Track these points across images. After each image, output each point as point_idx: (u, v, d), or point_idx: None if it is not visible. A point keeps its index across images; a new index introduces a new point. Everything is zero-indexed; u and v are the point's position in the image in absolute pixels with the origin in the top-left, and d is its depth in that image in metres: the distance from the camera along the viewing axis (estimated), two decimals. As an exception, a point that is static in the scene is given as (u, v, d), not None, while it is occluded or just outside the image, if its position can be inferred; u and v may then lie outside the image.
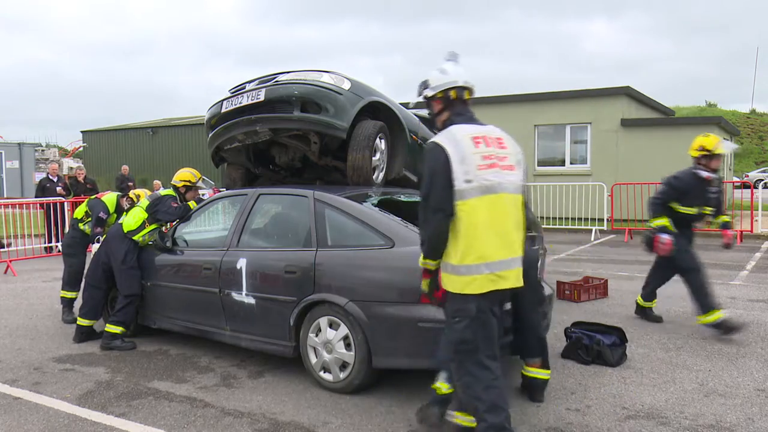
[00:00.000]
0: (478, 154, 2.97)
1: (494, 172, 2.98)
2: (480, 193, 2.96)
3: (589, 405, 4.12)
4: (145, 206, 5.87)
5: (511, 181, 3.04)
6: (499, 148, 3.05)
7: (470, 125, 3.10)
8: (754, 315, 6.53)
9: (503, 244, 2.98)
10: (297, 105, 5.09)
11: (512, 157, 3.09)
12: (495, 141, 3.06)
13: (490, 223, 2.96)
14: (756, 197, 13.80)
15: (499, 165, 3.00)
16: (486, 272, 2.94)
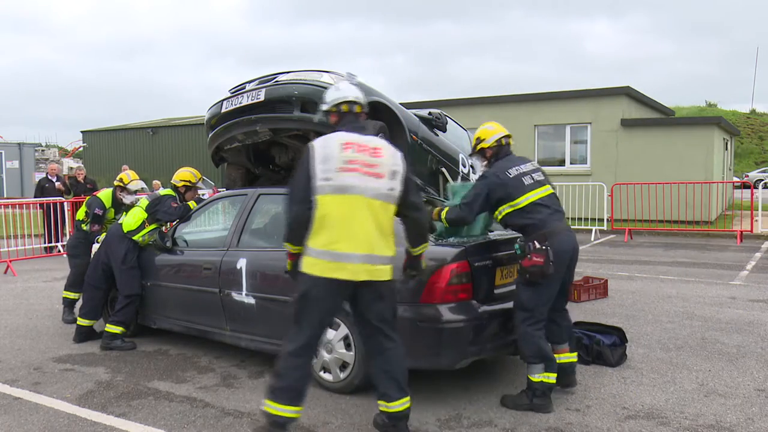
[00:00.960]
0: (342, 158, 3.33)
1: (354, 176, 3.31)
2: (334, 191, 3.31)
3: (589, 405, 4.12)
4: (145, 206, 5.87)
5: (373, 187, 3.32)
6: (371, 157, 3.36)
7: (350, 133, 3.45)
8: (754, 315, 6.53)
9: (349, 238, 3.29)
10: (297, 105, 5.08)
11: (385, 167, 3.37)
12: (369, 150, 3.38)
13: (341, 219, 3.30)
14: (756, 197, 13.81)
15: (363, 171, 3.32)
16: (327, 259, 3.29)
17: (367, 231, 3.31)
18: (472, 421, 3.87)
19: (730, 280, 8.60)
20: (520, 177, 4.16)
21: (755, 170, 31.82)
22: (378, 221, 3.34)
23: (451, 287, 3.99)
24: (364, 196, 3.31)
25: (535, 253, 3.97)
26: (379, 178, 3.35)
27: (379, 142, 3.47)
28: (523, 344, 4.07)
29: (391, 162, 3.40)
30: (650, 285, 8.28)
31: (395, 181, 3.39)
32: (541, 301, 4.06)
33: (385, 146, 3.45)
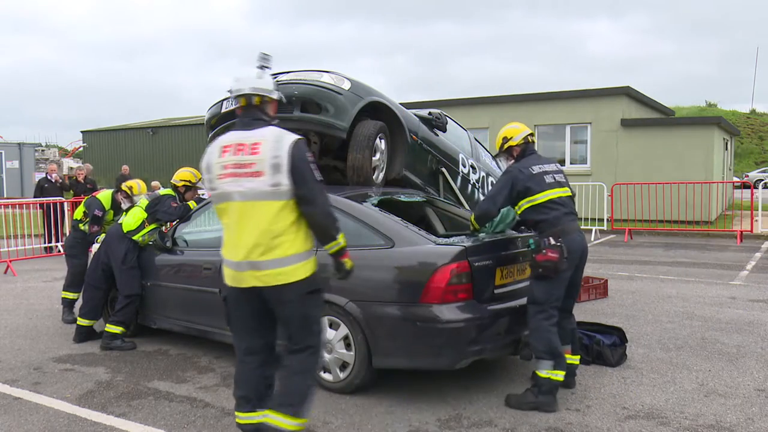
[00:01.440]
0: (220, 163, 3.17)
1: (228, 182, 3.14)
2: (219, 201, 3.21)
3: (589, 405, 4.12)
4: (145, 206, 5.87)
5: (251, 188, 3.08)
6: (248, 155, 3.11)
7: (236, 133, 3.23)
8: (754, 315, 6.53)
9: (234, 245, 3.16)
10: (297, 105, 5.08)
11: (263, 163, 3.08)
12: (247, 148, 3.12)
13: (229, 226, 3.19)
14: (756, 197, 13.81)
15: (237, 174, 3.11)
16: (227, 268, 3.22)
17: (249, 235, 3.10)
18: (472, 421, 3.87)
19: (730, 280, 8.60)
20: (542, 174, 4.28)
21: (755, 170, 31.82)
22: (264, 223, 3.08)
23: (451, 287, 3.99)
24: (242, 201, 3.10)
25: (549, 248, 4.08)
26: (257, 176, 3.08)
27: (261, 136, 3.14)
28: (535, 338, 4.13)
29: (270, 155, 3.08)
30: (650, 285, 8.28)
31: (280, 175, 3.07)
32: (553, 296, 4.15)
33: (267, 139, 3.12)
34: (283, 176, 3.07)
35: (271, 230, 3.09)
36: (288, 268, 3.10)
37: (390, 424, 3.84)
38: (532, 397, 4.05)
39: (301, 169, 3.09)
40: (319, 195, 3.16)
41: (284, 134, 3.16)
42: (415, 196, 5.40)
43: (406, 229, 4.33)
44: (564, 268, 4.12)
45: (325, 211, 3.19)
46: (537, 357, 4.13)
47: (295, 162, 3.08)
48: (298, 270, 3.13)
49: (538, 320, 4.12)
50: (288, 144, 3.10)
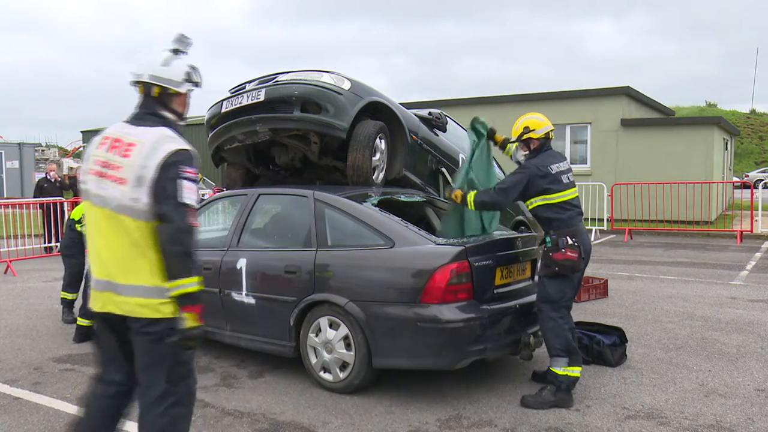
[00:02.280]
0: (93, 157, 2.68)
1: (94, 181, 2.64)
2: (84, 198, 2.73)
3: (589, 405, 4.12)
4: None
5: (113, 196, 2.58)
6: (119, 156, 2.60)
7: (121, 125, 2.72)
8: (754, 315, 6.53)
9: (94, 259, 2.71)
10: (297, 105, 5.09)
11: (130, 170, 2.56)
12: (123, 146, 2.60)
13: (89, 234, 2.73)
14: (756, 197, 13.81)
15: (104, 174, 2.61)
16: (93, 288, 2.73)
17: (107, 250, 2.62)
18: (472, 421, 3.87)
19: (730, 280, 8.59)
20: (559, 174, 4.29)
21: (755, 170, 31.83)
22: (125, 239, 2.57)
23: (451, 287, 3.99)
24: (103, 207, 2.61)
25: (569, 248, 4.11)
26: (121, 184, 2.57)
27: (138, 137, 2.61)
28: (552, 336, 4.16)
29: (139, 164, 2.55)
30: (650, 285, 8.28)
31: (140, 190, 2.54)
32: (566, 294, 4.19)
33: (143, 142, 2.59)
34: (142, 192, 2.54)
35: (134, 250, 2.57)
36: (152, 300, 2.58)
37: (390, 424, 3.84)
38: (550, 396, 4.06)
39: (166, 185, 2.53)
40: (174, 216, 2.53)
41: (165, 141, 2.59)
42: (415, 196, 5.40)
43: (406, 229, 4.33)
44: (582, 268, 4.19)
45: (172, 237, 2.53)
46: (553, 355, 4.15)
47: (162, 177, 2.54)
48: (165, 306, 2.59)
49: (553, 318, 4.15)
50: (163, 154, 2.55)
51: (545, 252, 4.23)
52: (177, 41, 2.79)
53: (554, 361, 4.15)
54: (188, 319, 2.57)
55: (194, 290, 2.57)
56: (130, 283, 2.58)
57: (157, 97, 2.72)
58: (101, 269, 2.66)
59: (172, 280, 2.55)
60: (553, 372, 4.13)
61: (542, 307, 4.21)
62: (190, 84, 2.78)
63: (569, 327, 4.40)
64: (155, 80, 2.69)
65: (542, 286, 4.24)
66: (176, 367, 2.68)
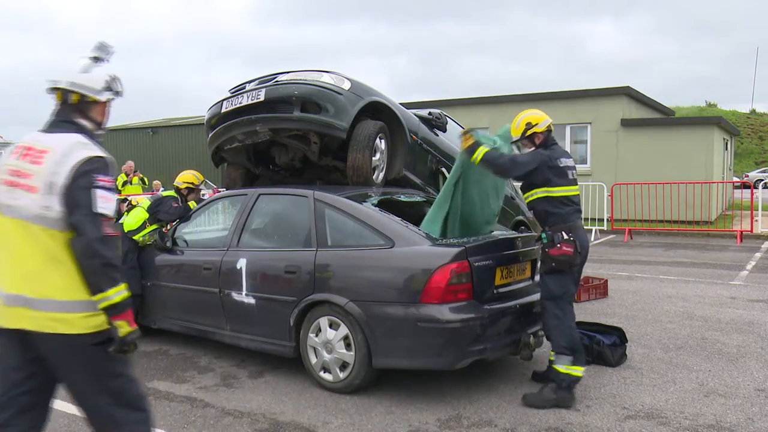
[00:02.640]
0: (5, 166, 2.54)
1: (4, 191, 2.49)
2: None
3: (589, 405, 4.12)
4: (146, 206, 5.89)
5: (22, 204, 2.43)
6: (30, 164, 2.47)
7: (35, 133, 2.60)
8: (754, 315, 6.53)
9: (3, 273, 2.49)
10: (297, 105, 5.09)
11: (40, 178, 2.43)
12: (35, 153, 2.48)
13: None
14: (756, 197, 13.81)
15: (15, 183, 2.47)
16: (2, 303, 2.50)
17: (18, 263, 2.44)
18: (472, 421, 3.87)
19: (730, 280, 8.59)
20: (566, 169, 4.29)
21: (755, 170, 31.83)
22: (36, 250, 2.42)
23: (452, 287, 3.99)
24: (11, 217, 2.46)
25: (564, 243, 4.10)
26: (31, 192, 2.43)
27: (53, 143, 2.49)
28: (557, 333, 4.14)
29: (49, 171, 2.42)
30: (650, 285, 8.28)
31: (52, 197, 2.41)
32: (569, 289, 4.19)
33: (53, 149, 2.47)
34: (54, 200, 2.41)
35: (47, 262, 2.42)
36: (70, 315, 2.41)
37: (390, 424, 3.84)
38: (551, 394, 4.06)
39: (77, 194, 2.40)
40: (87, 227, 2.39)
41: (78, 148, 2.47)
42: (415, 196, 5.41)
43: (406, 229, 4.34)
44: (578, 263, 4.18)
45: (87, 250, 2.39)
46: (557, 352, 4.14)
47: (73, 185, 2.41)
48: (86, 320, 2.43)
49: (558, 316, 4.15)
50: (75, 161, 2.43)
51: (542, 248, 4.24)
52: (98, 49, 2.69)
53: (558, 358, 4.14)
54: (122, 327, 2.44)
55: (122, 299, 2.46)
56: (45, 297, 2.42)
57: (76, 105, 2.61)
58: (11, 283, 2.46)
59: (97, 293, 2.42)
60: (555, 369, 4.13)
61: (546, 305, 4.21)
62: (110, 93, 2.68)
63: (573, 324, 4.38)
64: (74, 87, 2.59)
65: (543, 283, 4.24)
66: (113, 380, 2.51)
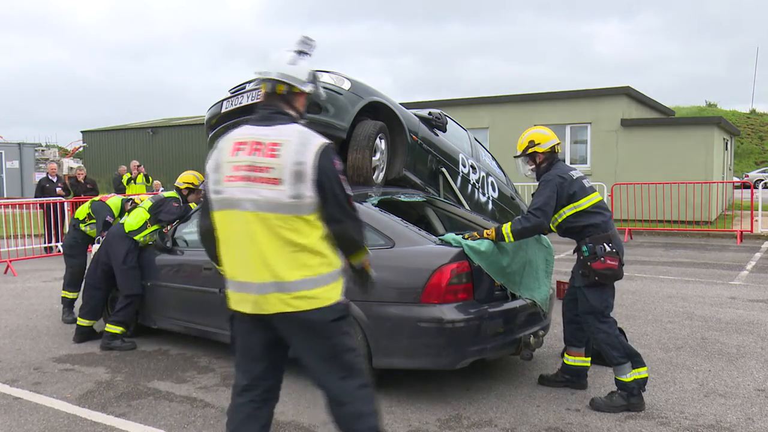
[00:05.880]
0: (231, 163, 2.64)
1: (238, 187, 2.59)
2: (222, 207, 2.66)
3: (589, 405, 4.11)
4: (148, 207, 5.89)
5: (267, 197, 2.54)
6: (265, 157, 2.58)
7: (252, 127, 2.71)
8: (754, 315, 6.53)
9: (246, 264, 2.62)
10: (297, 105, 5.08)
11: (282, 170, 2.55)
12: (264, 148, 2.60)
13: (236, 241, 2.64)
14: (756, 197, 13.80)
15: (252, 178, 2.58)
16: (232, 289, 2.71)
17: (265, 251, 2.57)
18: (472, 421, 3.87)
19: (730, 280, 8.59)
20: (580, 180, 4.25)
21: (755, 170, 31.82)
22: (284, 238, 2.56)
23: (452, 287, 3.99)
24: (255, 211, 2.56)
25: (608, 256, 4.00)
26: (273, 184, 2.54)
27: (282, 135, 2.62)
28: (608, 347, 4.04)
29: (291, 161, 2.54)
30: (650, 285, 8.28)
31: (302, 186, 2.53)
32: (609, 301, 4.11)
33: (289, 140, 2.60)
34: (305, 188, 2.54)
35: (294, 246, 2.57)
36: (319, 289, 2.60)
37: (390, 424, 3.84)
38: (622, 400, 3.98)
39: (330, 182, 2.58)
40: (350, 212, 2.65)
41: (311, 136, 2.65)
42: (415, 196, 5.40)
43: (406, 229, 4.33)
44: (622, 276, 4.08)
45: (356, 229, 2.69)
46: (616, 364, 4.02)
47: (322, 172, 2.56)
48: (330, 291, 2.64)
49: (603, 330, 4.05)
50: (314, 149, 2.59)
51: (582, 261, 4.10)
52: (301, 43, 2.82)
53: (618, 370, 4.02)
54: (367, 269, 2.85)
55: (367, 251, 2.79)
56: (297, 279, 2.57)
57: (281, 95, 2.74)
58: (260, 271, 2.58)
59: (353, 253, 2.74)
60: (622, 381, 4.00)
61: (588, 319, 4.10)
62: (312, 85, 2.81)
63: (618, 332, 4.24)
64: (283, 78, 2.71)
65: (583, 297, 4.10)
66: (346, 354, 2.68)
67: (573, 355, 4.38)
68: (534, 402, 4.19)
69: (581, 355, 4.36)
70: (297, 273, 2.57)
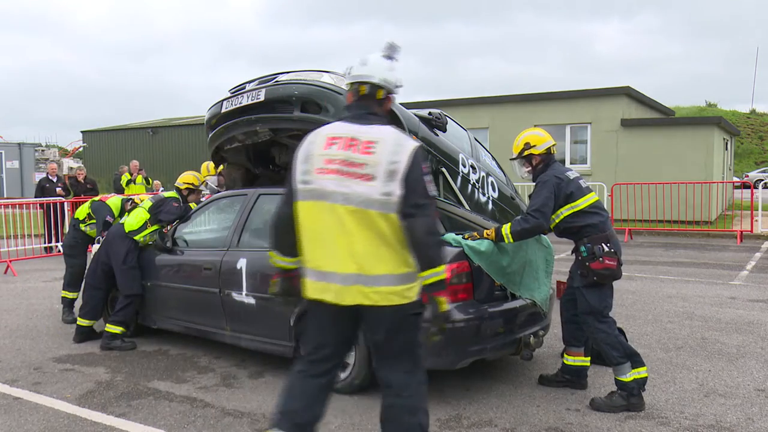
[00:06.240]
0: (324, 156, 2.76)
1: (331, 179, 2.71)
2: (311, 198, 2.76)
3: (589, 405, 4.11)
4: (148, 207, 5.89)
5: (360, 192, 2.66)
6: (359, 153, 2.71)
7: (346, 124, 2.83)
8: (754, 315, 6.53)
9: (332, 255, 2.73)
10: (297, 105, 5.08)
11: (376, 167, 2.67)
12: (360, 145, 2.72)
13: (322, 231, 2.75)
14: (756, 197, 13.80)
15: (345, 172, 2.70)
16: (312, 278, 2.81)
17: (351, 244, 2.69)
18: (472, 421, 3.87)
19: (730, 280, 8.59)
20: (576, 180, 4.24)
21: (755, 170, 31.81)
22: (371, 232, 2.69)
23: (451, 287, 3.98)
24: (345, 205, 2.68)
25: (607, 256, 4.02)
26: (367, 180, 2.67)
27: (378, 134, 2.75)
28: (607, 347, 4.04)
29: (387, 160, 2.67)
30: (650, 285, 8.28)
31: (393, 184, 2.65)
32: (608, 301, 4.12)
33: (385, 140, 2.73)
34: (396, 185, 2.66)
35: (381, 241, 2.69)
36: (400, 287, 2.71)
37: (390, 424, 3.83)
38: (622, 400, 3.99)
39: (417, 180, 2.70)
40: (427, 211, 2.72)
41: (405, 138, 2.78)
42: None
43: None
44: (620, 276, 4.09)
45: (429, 228, 2.71)
46: (615, 364, 4.03)
47: (412, 172, 2.68)
48: (410, 290, 2.74)
49: (602, 330, 4.06)
50: (409, 150, 2.71)
51: (581, 261, 4.11)
52: (389, 48, 2.95)
53: (618, 370, 4.03)
54: (442, 303, 2.73)
55: (444, 276, 2.74)
56: (379, 273, 2.69)
57: (378, 99, 2.88)
58: (345, 263, 2.70)
59: (427, 268, 2.70)
60: (621, 381, 4.01)
61: (587, 320, 4.11)
62: (398, 89, 2.97)
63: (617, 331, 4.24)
64: (384, 83, 2.86)
65: (582, 297, 4.12)
66: (417, 349, 2.83)
67: (572, 355, 4.38)
68: (534, 402, 4.19)
69: (580, 355, 4.37)
70: (380, 268, 2.69)
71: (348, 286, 2.71)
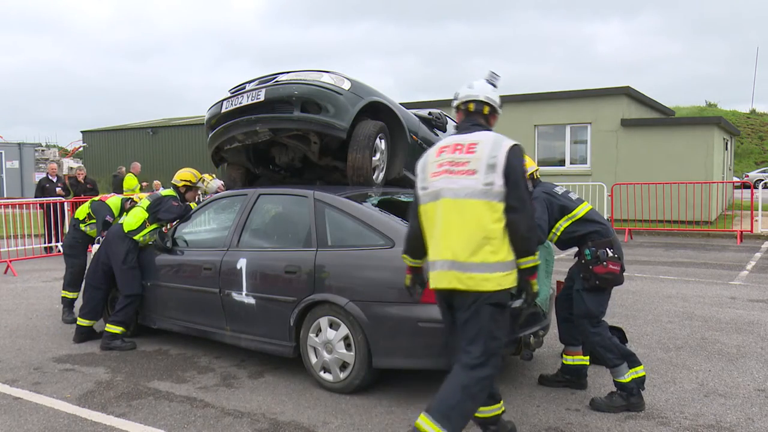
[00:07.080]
0: (435, 162, 3.19)
1: (441, 179, 3.13)
2: (428, 200, 3.18)
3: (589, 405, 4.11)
4: (146, 206, 5.88)
5: (463, 185, 3.06)
6: (463, 154, 3.12)
7: (455, 136, 3.27)
8: (754, 315, 6.53)
9: (437, 244, 3.12)
10: (297, 105, 5.09)
11: (477, 162, 3.06)
12: (465, 147, 3.14)
13: (436, 227, 3.13)
14: (756, 197, 13.81)
15: (452, 171, 3.11)
16: (431, 270, 3.16)
17: (457, 234, 3.03)
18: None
19: (730, 280, 8.59)
20: (566, 193, 4.26)
21: (755, 170, 31.81)
22: (474, 222, 3.01)
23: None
24: (452, 198, 3.07)
25: (610, 260, 4.02)
26: (470, 174, 3.05)
27: (479, 137, 3.15)
28: (603, 350, 4.05)
29: (487, 155, 3.05)
30: (650, 285, 8.28)
31: (494, 175, 3.02)
32: (605, 306, 4.12)
33: (485, 140, 3.12)
34: (497, 176, 3.02)
35: (481, 231, 3.00)
36: (494, 274, 2.99)
37: (390, 424, 3.84)
38: (622, 400, 3.99)
39: (516, 174, 3.04)
40: (527, 204, 3.06)
41: (503, 138, 3.14)
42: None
43: (406, 229, 4.33)
44: (621, 282, 4.09)
45: (530, 222, 3.06)
46: (612, 366, 4.03)
47: (510, 165, 3.04)
48: (503, 279, 3.01)
49: (597, 333, 4.06)
50: (506, 147, 3.08)
51: (584, 264, 4.10)
52: (491, 76, 3.47)
53: (615, 372, 4.03)
54: (534, 285, 3.10)
55: (537, 263, 3.12)
56: (476, 261, 2.99)
57: (485, 115, 3.32)
58: (449, 251, 3.04)
59: (526, 255, 3.05)
60: (620, 382, 4.01)
61: (582, 323, 4.11)
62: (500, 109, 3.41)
63: None
64: (490, 101, 3.32)
65: (580, 299, 4.11)
66: (494, 342, 3.07)
67: (571, 354, 4.38)
68: (534, 402, 4.19)
69: (579, 354, 4.37)
70: (475, 255, 2.99)
71: (446, 271, 3.04)
